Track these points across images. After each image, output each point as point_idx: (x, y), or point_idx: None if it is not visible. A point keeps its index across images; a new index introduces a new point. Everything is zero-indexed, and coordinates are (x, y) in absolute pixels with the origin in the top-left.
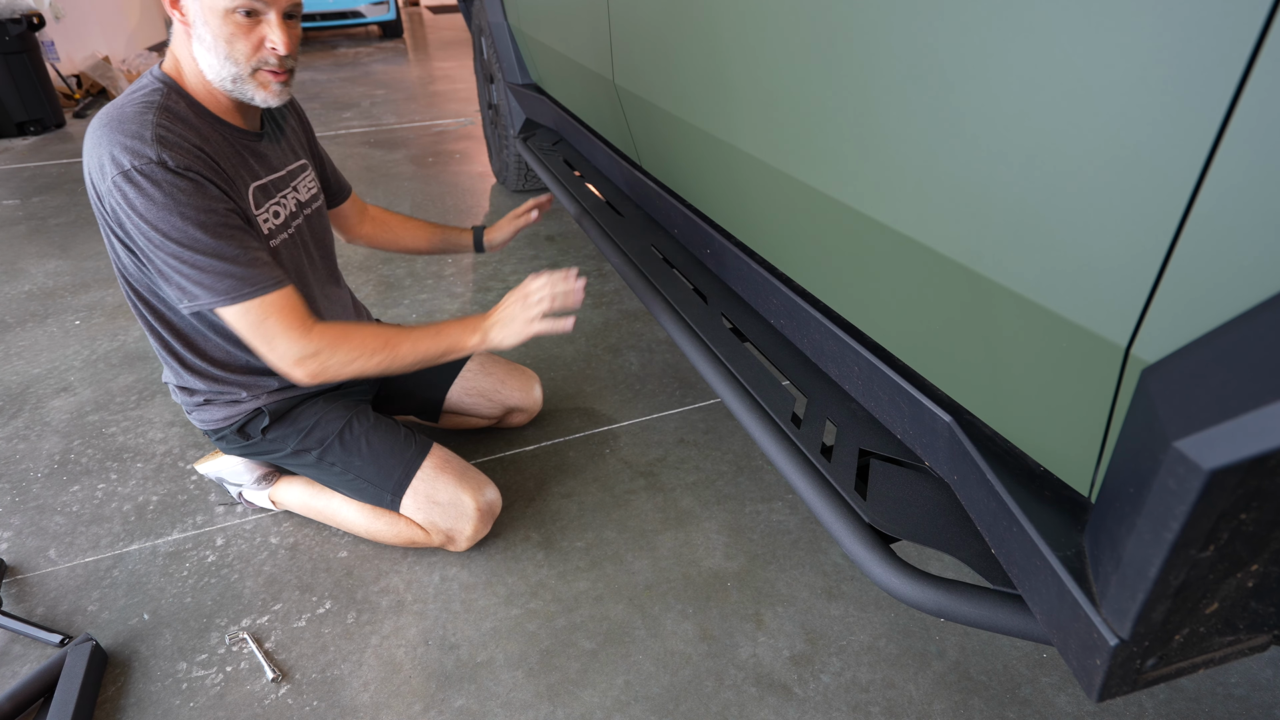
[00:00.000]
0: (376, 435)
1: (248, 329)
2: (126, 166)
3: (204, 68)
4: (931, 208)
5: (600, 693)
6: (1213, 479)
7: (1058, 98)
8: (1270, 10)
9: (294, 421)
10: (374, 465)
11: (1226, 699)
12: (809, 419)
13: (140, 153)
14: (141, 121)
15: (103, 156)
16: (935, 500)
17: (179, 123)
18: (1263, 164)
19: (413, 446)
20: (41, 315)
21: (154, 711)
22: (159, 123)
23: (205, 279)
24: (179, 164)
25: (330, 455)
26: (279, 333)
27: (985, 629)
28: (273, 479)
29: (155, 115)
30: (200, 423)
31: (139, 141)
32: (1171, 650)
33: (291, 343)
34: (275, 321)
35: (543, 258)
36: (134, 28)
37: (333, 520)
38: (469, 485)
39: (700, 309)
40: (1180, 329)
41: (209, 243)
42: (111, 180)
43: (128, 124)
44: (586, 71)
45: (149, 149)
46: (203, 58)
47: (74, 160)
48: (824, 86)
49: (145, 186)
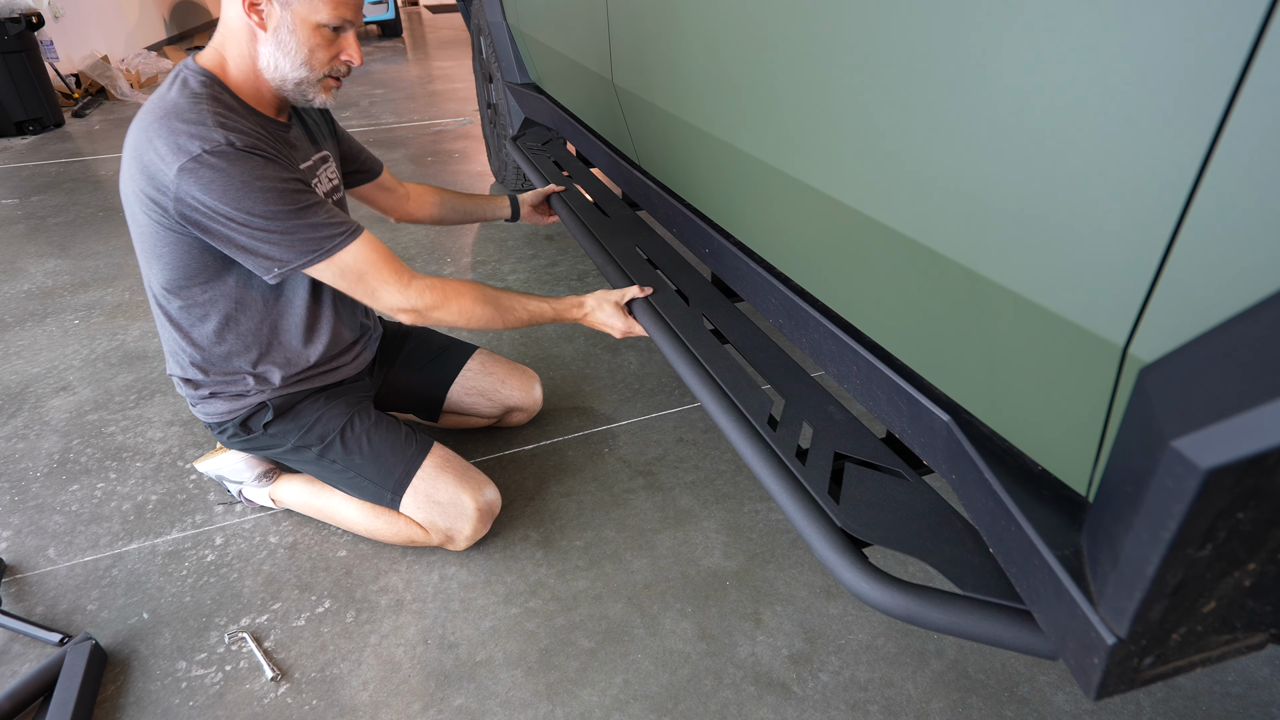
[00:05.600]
0: (378, 433)
1: (347, 284)
2: (196, 151)
3: (267, 66)
4: (930, 207)
5: (599, 691)
6: (1210, 478)
7: (1056, 97)
8: (1268, 10)
9: (296, 417)
10: (375, 463)
11: (1224, 697)
12: (786, 421)
13: (207, 137)
14: (198, 110)
15: (162, 147)
16: (908, 505)
17: (230, 112)
18: (1260, 163)
19: (414, 445)
20: (40, 314)
21: (153, 710)
22: (215, 111)
23: (294, 241)
24: (245, 143)
25: (331, 452)
26: (374, 283)
27: (955, 635)
28: (273, 476)
29: (209, 105)
30: (204, 416)
31: (202, 127)
32: (1169, 649)
33: (392, 291)
34: (371, 273)
35: (542, 256)
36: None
37: (332, 519)
38: (469, 485)
39: (682, 310)
40: (1178, 328)
41: (289, 209)
42: (181, 166)
43: (184, 113)
44: (585, 71)
45: (215, 133)
46: (272, 59)
47: (73, 160)
48: (823, 85)
49: (220, 166)
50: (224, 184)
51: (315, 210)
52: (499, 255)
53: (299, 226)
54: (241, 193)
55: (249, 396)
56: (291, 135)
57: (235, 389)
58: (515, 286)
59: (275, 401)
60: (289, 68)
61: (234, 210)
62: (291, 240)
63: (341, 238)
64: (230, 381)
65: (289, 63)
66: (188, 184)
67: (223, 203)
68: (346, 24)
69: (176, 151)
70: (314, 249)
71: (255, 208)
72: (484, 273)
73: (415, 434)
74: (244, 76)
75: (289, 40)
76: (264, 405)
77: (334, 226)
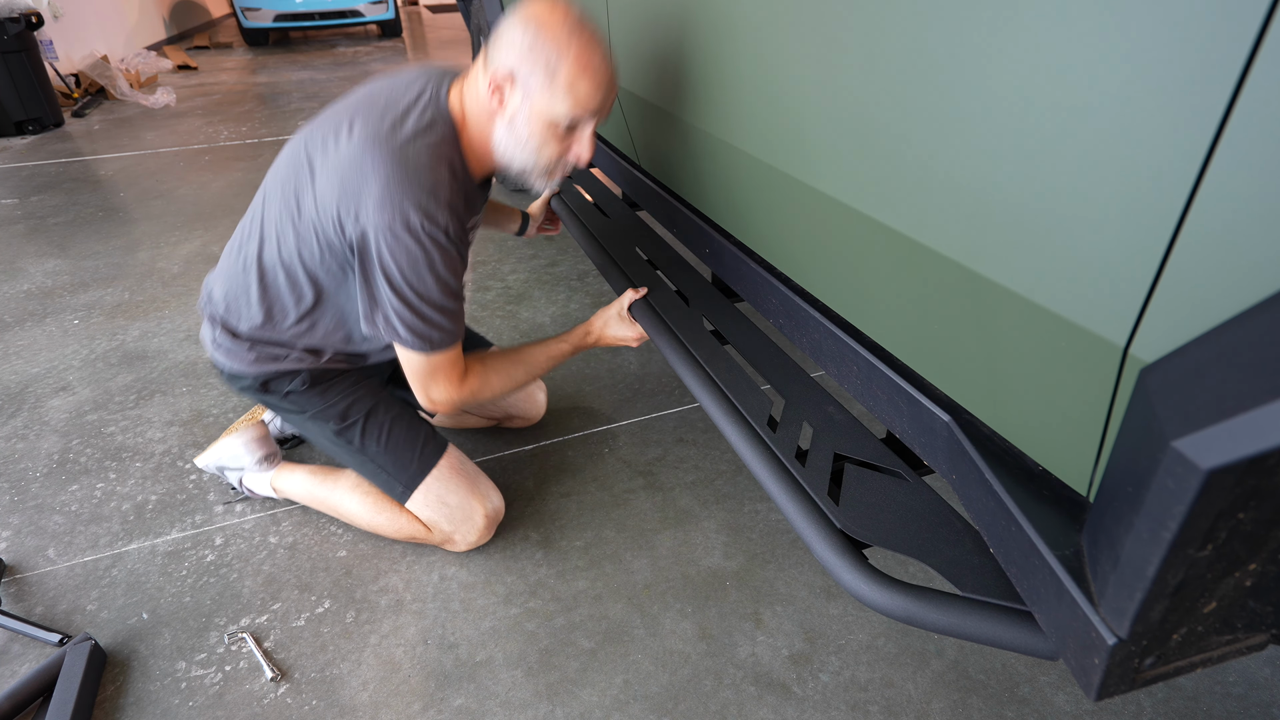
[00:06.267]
0: (399, 427)
1: (415, 371)
2: (415, 224)
3: (498, 144)
4: (931, 207)
5: (599, 692)
6: (1211, 478)
7: (1056, 97)
8: (1268, 11)
9: (324, 393)
10: (391, 455)
11: (1224, 697)
12: (786, 422)
13: (432, 216)
14: (436, 178)
15: (377, 189)
16: (908, 506)
17: (456, 182)
18: (1261, 164)
19: (431, 444)
20: (40, 314)
21: (153, 711)
22: (451, 185)
23: (418, 326)
24: (455, 235)
25: (350, 434)
26: (439, 382)
27: (955, 636)
28: (273, 461)
29: (447, 174)
30: (227, 363)
31: (434, 202)
32: (1170, 649)
33: (444, 390)
34: (443, 374)
35: (542, 256)
36: (132, 27)
37: (334, 511)
38: (479, 493)
39: (682, 310)
40: (1178, 328)
41: (440, 302)
42: (391, 225)
43: (423, 175)
44: None
45: (440, 214)
46: (504, 141)
47: (72, 159)
48: (823, 85)
49: (426, 246)
50: (414, 259)
51: (454, 314)
52: (499, 255)
53: (434, 317)
54: (421, 272)
55: (285, 362)
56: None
57: (277, 353)
58: (515, 286)
59: (312, 373)
60: (516, 152)
61: (402, 281)
62: (416, 323)
63: (448, 342)
64: (278, 348)
65: (517, 149)
66: (384, 238)
67: (398, 270)
68: (583, 123)
69: (392, 207)
70: (423, 340)
71: (420, 287)
72: (484, 272)
73: (434, 433)
74: (478, 141)
75: (522, 129)
76: (297, 374)
77: (450, 333)
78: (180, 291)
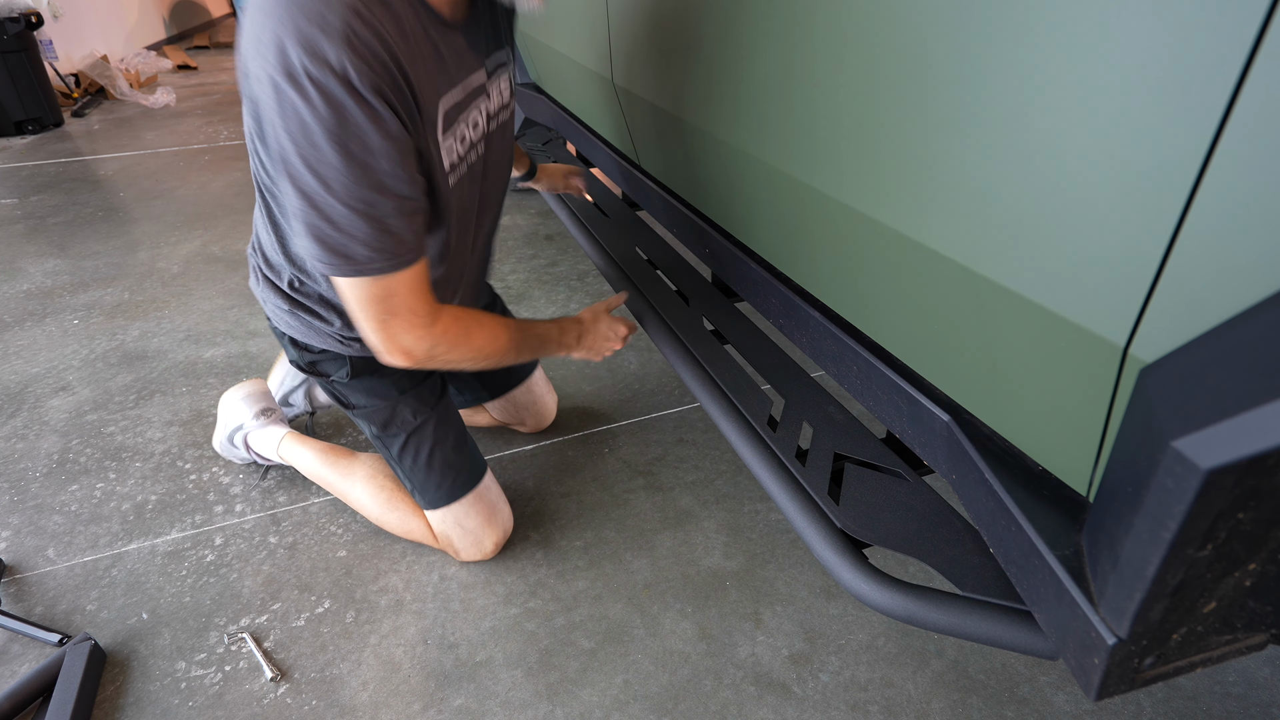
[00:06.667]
0: (439, 454)
1: (360, 303)
2: (295, 65)
3: None
4: (930, 207)
5: (599, 692)
6: (1210, 478)
7: (1056, 97)
8: (1268, 11)
9: (370, 392)
10: (424, 474)
11: (1224, 697)
12: (786, 422)
13: (318, 53)
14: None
15: (263, 34)
16: (908, 506)
17: (379, 8)
18: (1260, 163)
19: (465, 473)
20: (40, 314)
21: (153, 711)
22: (355, 9)
23: (325, 232)
24: (364, 84)
25: (389, 442)
26: (399, 317)
27: (955, 636)
28: (271, 415)
29: (376, 5)
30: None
31: (321, 33)
32: (1169, 649)
33: (410, 331)
34: (399, 302)
35: (541, 256)
36: (132, 27)
37: (342, 495)
38: (495, 523)
39: (682, 311)
40: (1178, 328)
41: (361, 194)
42: (269, 73)
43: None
44: (585, 71)
45: (330, 49)
46: None
47: (72, 159)
48: (823, 85)
49: (312, 98)
50: (300, 123)
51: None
52: (499, 255)
53: (355, 224)
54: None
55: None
56: (464, 40)
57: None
58: (515, 286)
59: (353, 363)
60: None
61: (294, 155)
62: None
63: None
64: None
65: None
66: (267, 93)
67: (290, 139)
68: None
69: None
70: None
71: (321, 168)
72: None
73: (471, 463)
74: None
75: None
76: (342, 360)
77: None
78: (180, 291)
